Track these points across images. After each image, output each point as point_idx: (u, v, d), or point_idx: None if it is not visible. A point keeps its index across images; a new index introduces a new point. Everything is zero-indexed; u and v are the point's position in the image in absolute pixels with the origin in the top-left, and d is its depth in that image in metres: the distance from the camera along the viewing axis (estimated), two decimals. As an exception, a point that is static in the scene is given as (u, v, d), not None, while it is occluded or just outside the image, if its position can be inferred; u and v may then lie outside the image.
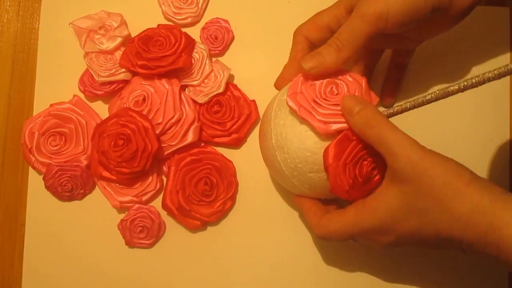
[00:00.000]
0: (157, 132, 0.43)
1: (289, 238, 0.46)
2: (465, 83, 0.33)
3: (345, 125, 0.35)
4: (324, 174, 0.36)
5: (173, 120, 0.44)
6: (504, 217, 0.29)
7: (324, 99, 0.36)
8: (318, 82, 0.37)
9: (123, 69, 0.45)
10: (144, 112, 0.44)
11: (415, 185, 0.31)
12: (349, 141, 0.35)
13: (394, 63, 0.47)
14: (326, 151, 0.35)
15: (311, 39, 0.40)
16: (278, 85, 0.41)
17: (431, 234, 0.32)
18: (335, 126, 0.35)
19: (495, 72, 0.31)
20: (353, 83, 0.37)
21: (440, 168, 0.31)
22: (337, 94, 0.36)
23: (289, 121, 0.37)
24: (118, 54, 0.46)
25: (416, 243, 0.34)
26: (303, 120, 0.36)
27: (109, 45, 0.46)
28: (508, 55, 0.48)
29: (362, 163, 0.36)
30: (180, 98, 0.45)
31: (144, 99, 0.44)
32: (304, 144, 0.36)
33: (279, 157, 0.38)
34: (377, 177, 0.36)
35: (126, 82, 0.46)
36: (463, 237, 0.31)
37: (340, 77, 0.37)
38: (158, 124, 0.44)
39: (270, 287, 0.46)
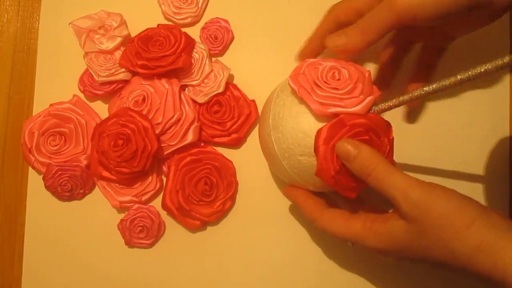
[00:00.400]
0: (157, 132, 0.43)
1: (289, 238, 0.46)
2: (462, 76, 0.32)
3: (342, 109, 0.35)
4: (314, 159, 0.36)
5: (172, 120, 0.44)
6: (508, 258, 0.29)
7: (325, 82, 0.36)
8: (321, 66, 0.37)
9: (123, 69, 0.45)
10: (144, 112, 0.44)
11: (418, 226, 0.31)
12: (343, 126, 0.35)
13: (422, 62, 0.45)
14: (318, 132, 0.35)
15: (340, 20, 0.40)
16: (301, 58, 0.42)
17: (433, 263, 0.33)
18: (332, 109, 0.35)
19: (492, 64, 0.31)
20: (355, 72, 0.37)
21: (441, 209, 0.31)
22: (338, 79, 0.36)
23: (289, 101, 0.37)
24: (118, 54, 0.46)
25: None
26: (301, 101, 0.36)
27: (109, 45, 0.46)
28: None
29: None
30: (180, 98, 0.45)
31: (144, 99, 0.44)
32: (298, 125, 0.36)
33: (273, 137, 0.38)
34: None
35: (126, 82, 0.46)
36: (465, 270, 0.31)
37: (344, 65, 0.37)
38: (158, 124, 0.44)
39: (270, 287, 0.46)
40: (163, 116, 0.44)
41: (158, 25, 0.47)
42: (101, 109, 0.46)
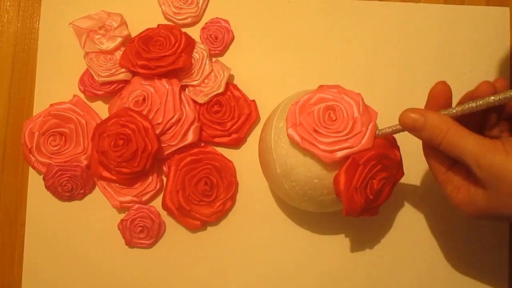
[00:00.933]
0: (157, 132, 0.43)
1: (289, 238, 0.46)
2: (472, 104, 0.33)
3: (350, 150, 0.35)
4: (333, 196, 0.37)
5: (173, 120, 0.44)
6: None
7: (324, 127, 0.36)
8: (315, 109, 0.37)
9: (123, 69, 0.45)
10: (144, 112, 0.44)
11: (494, 190, 0.31)
12: (357, 165, 0.35)
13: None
14: (336, 178, 0.35)
15: None
16: None
17: (508, 219, 0.33)
18: (340, 153, 0.35)
19: (499, 96, 0.31)
20: (349, 103, 0.37)
21: None
22: (335, 120, 0.36)
23: (292, 151, 0.37)
24: (118, 54, 0.46)
25: None
26: (306, 151, 0.36)
27: (109, 45, 0.46)
28: (508, 55, 0.48)
29: (372, 182, 0.36)
30: (180, 98, 0.45)
31: (144, 99, 0.44)
32: (311, 172, 0.36)
33: (286, 185, 0.38)
34: (386, 190, 0.37)
35: (126, 82, 0.46)
36: None
37: (335, 99, 0.37)
38: (158, 124, 0.44)
39: (270, 287, 0.46)
40: (163, 116, 0.44)
41: (158, 25, 0.47)
42: (101, 109, 0.46)
